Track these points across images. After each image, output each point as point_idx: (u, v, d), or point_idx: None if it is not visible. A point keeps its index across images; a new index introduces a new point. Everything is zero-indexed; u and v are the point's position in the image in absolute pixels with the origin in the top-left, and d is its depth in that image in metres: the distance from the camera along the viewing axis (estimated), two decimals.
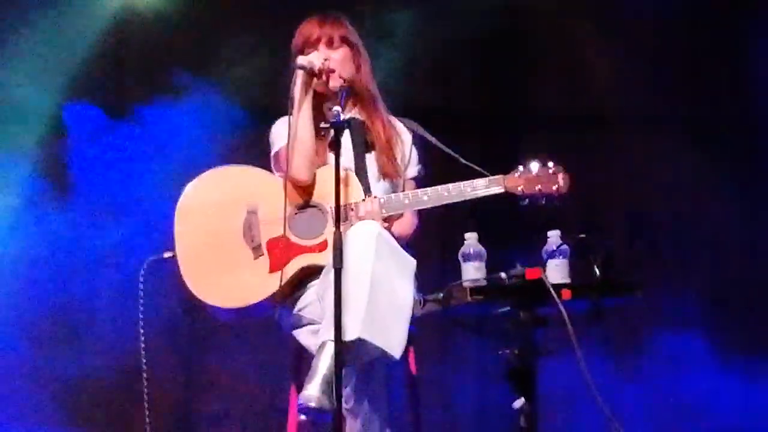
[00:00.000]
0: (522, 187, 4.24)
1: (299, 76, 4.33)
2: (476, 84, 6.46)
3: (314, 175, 4.34)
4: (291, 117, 4.31)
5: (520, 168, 4.26)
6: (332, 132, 4.07)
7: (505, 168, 4.26)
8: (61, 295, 6.07)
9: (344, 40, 4.49)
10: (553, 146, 4.43)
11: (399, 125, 4.59)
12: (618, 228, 6.36)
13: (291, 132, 4.30)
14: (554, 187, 4.24)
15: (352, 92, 4.47)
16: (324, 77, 4.37)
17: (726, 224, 6.47)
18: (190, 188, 4.41)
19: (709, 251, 6.44)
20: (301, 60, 4.34)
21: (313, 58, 4.35)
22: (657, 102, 6.43)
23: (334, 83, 4.39)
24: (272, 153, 4.51)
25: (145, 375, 4.36)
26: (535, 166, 4.25)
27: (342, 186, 3.99)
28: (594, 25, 6.41)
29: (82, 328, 6.10)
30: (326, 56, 4.39)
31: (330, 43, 4.46)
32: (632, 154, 6.43)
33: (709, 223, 6.45)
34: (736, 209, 6.48)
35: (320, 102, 4.42)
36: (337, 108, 4.08)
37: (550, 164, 4.27)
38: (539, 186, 4.24)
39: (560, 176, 4.25)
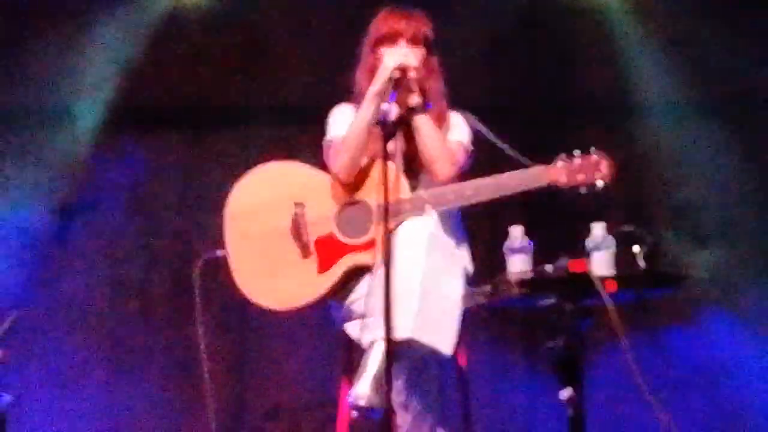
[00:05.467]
0: (564, 177, 4.17)
1: (385, 77, 4.25)
2: (517, 75, 6.47)
3: (361, 171, 4.36)
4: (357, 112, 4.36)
5: (563, 157, 4.20)
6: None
7: (548, 160, 4.22)
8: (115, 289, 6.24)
9: (426, 40, 4.44)
10: (595, 136, 4.40)
11: (454, 119, 4.54)
12: (662, 218, 6.35)
13: (350, 130, 4.34)
14: (597, 176, 4.16)
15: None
16: (403, 90, 4.29)
17: None
18: (238, 188, 4.46)
19: (755, 239, 6.41)
20: (393, 61, 4.26)
21: (408, 60, 4.27)
22: (699, 88, 6.41)
23: (412, 102, 4.32)
24: (324, 139, 4.52)
25: (206, 369, 4.45)
26: (577, 155, 4.19)
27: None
28: (634, 13, 6.40)
29: (137, 323, 6.24)
30: (406, 53, 4.31)
31: (412, 41, 4.40)
32: (676, 142, 6.42)
33: (756, 211, 6.42)
34: None
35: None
36: (386, 105, 4.10)
37: (593, 152, 4.20)
38: (582, 176, 4.16)
39: (603, 164, 4.16)
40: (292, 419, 6.14)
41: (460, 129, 4.52)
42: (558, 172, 4.19)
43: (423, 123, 4.33)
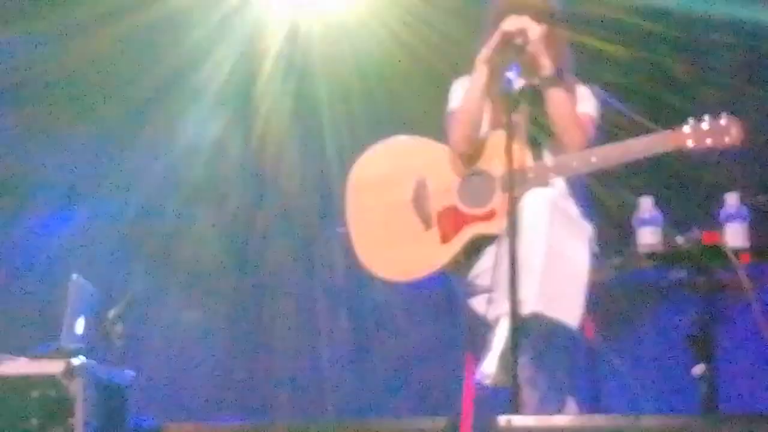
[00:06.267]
0: (692, 141, 4.05)
1: (493, 44, 4.25)
2: (643, 44, 6.33)
3: (482, 141, 4.32)
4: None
5: (691, 122, 4.08)
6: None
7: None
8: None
9: (551, 14, 4.37)
10: (729, 102, 4.27)
11: (582, 91, 4.46)
12: None
13: (463, 101, 4.32)
14: (726, 140, 4.02)
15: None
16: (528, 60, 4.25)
17: None
18: (359, 163, 4.48)
19: None
20: (506, 27, 4.23)
21: (522, 29, 4.22)
22: None
23: (544, 73, 4.28)
24: (447, 110, 4.50)
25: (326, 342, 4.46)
26: (706, 119, 4.06)
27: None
28: None
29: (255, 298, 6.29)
30: (527, 27, 4.23)
31: (536, 16, 4.31)
32: None
33: None
34: None
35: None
36: (508, 75, 4.04)
37: (723, 116, 4.06)
38: (710, 140, 4.03)
39: (733, 129, 4.03)
40: (416, 395, 6.11)
41: (588, 101, 4.44)
42: (685, 135, 4.08)
43: (554, 94, 4.28)
